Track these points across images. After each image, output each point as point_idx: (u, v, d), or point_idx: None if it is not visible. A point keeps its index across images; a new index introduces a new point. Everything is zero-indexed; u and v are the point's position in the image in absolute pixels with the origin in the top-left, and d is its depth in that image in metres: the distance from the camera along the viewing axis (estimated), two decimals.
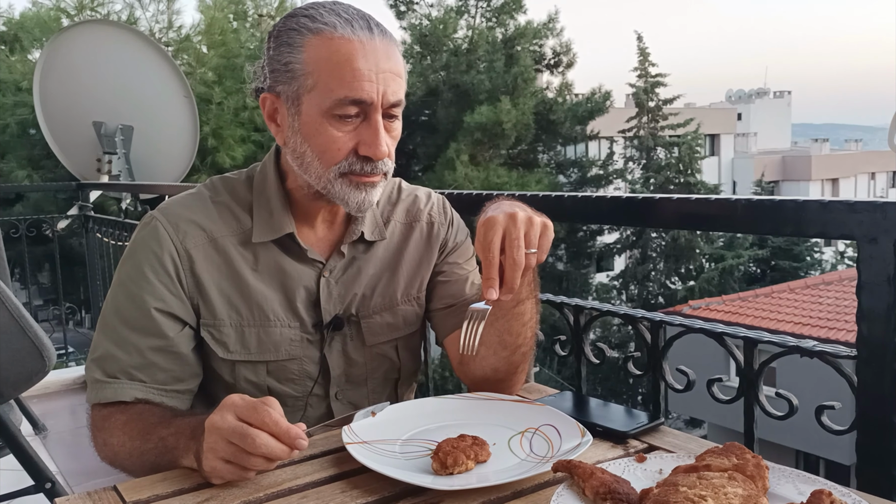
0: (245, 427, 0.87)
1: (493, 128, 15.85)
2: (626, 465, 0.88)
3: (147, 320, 1.09)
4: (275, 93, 1.08)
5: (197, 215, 1.13)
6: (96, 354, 1.10)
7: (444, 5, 18.31)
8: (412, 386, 1.34)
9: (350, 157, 1.06)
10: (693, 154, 20.38)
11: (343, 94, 1.02)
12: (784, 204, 0.97)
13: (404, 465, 0.94)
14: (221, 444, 0.88)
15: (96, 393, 1.09)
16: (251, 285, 1.13)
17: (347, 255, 1.19)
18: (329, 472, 0.95)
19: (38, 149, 13.20)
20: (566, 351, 1.42)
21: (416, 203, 1.28)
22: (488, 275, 0.95)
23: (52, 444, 3.24)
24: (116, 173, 4.54)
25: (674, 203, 1.15)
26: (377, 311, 1.21)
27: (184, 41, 15.23)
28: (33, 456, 1.88)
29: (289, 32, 1.06)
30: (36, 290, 14.94)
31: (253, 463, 0.88)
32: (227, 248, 1.13)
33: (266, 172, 1.17)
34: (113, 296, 1.12)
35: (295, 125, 1.08)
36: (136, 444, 1.02)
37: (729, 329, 1.12)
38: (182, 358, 1.12)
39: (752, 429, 1.10)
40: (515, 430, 1.03)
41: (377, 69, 1.03)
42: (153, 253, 1.10)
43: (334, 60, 1.02)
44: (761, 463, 0.82)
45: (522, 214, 0.96)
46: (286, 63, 1.05)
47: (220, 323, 1.13)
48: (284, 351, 1.15)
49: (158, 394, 1.10)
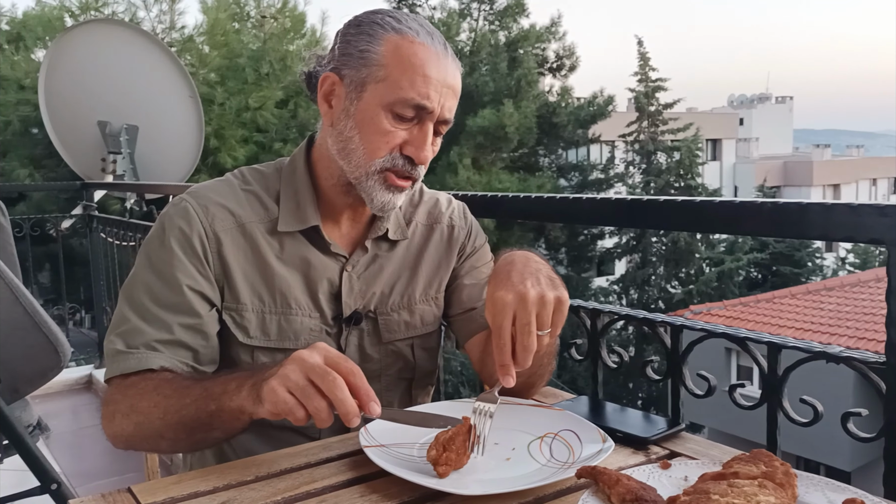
0: (329, 369, 0.87)
1: (496, 131, 15.83)
2: (651, 471, 0.87)
3: (179, 297, 1.08)
4: (339, 74, 1.10)
5: (227, 200, 1.14)
6: (121, 329, 1.08)
7: (446, 8, 18.33)
8: (427, 390, 1.33)
9: (395, 152, 1.09)
10: (693, 158, 20.36)
11: (411, 95, 1.06)
12: (811, 207, 0.96)
13: (423, 468, 0.92)
14: (297, 375, 0.87)
15: (118, 364, 1.06)
16: (276, 273, 1.14)
17: (370, 252, 1.20)
18: (347, 475, 0.93)
19: (40, 148, 13.19)
20: (581, 355, 1.40)
21: (437, 206, 1.30)
22: (502, 361, 0.93)
23: (54, 445, 3.22)
24: (121, 173, 4.53)
25: (695, 206, 1.14)
26: (395, 309, 1.22)
27: (187, 42, 15.22)
28: (39, 457, 1.86)
29: (372, 25, 1.09)
30: (36, 290, 14.90)
31: (316, 404, 0.87)
32: (255, 235, 1.14)
33: (296, 164, 1.18)
34: (138, 274, 1.11)
35: (351, 109, 1.10)
36: (172, 402, 0.99)
37: (753, 334, 1.10)
38: (208, 339, 1.11)
39: (775, 436, 1.08)
40: (535, 434, 1.02)
41: (444, 83, 1.07)
42: (182, 232, 1.10)
43: (411, 62, 1.06)
44: (790, 471, 0.81)
45: (534, 294, 0.92)
46: (362, 50, 1.08)
47: (242, 307, 1.13)
48: (304, 340, 1.15)
49: (182, 366, 1.08)
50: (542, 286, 0.94)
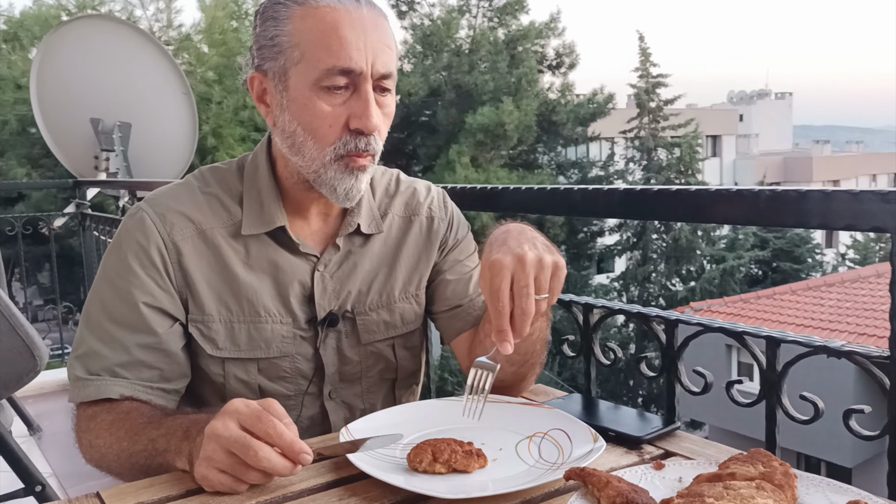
0: (248, 438, 0.82)
1: (495, 129, 15.80)
2: (643, 472, 0.83)
3: (135, 315, 1.03)
4: (262, 71, 1.04)
5: (185, 206, 1.08)
6: (79, 351, 1.05)
7: (445, 5, 18.28)
8: (412, 389, 1.28)
9: (343, 134, 1.01)
10: (693, 154, 20.31)
11: (331, 63, 0.98)
12: (810, 195, 0.92)
13: (406, 470, 0.89)
14: (220, 454, 0.82)
15: (78, 391, 1.04)
16: (241, 279, 1.08)
17: (343, 249, 1.14)
18: (326, 477, 0.89)
19: (37, 147, 13.17)
20: (574, 351, 1.36)
21: (415, 196, 1.23)
22: (500, 326, 0.88)
23: (46, 445, 3.18)
24: (114, 171, 4.48)
25: (690, 195, 1.10)
26: (374, 309, 1.16)
27: (184, 40, 15.19)
28: (23, 458, 1.83)
29: (274, 7, 1.02)
30: (36, 291, 14.87)
31: (251, 476, 0.83)
32: (217, 241, 1.08)
33: (257, 162, 1.12)
34: (97, 290, 1.07)
35: (283, 102, 1.03)
36: (124, 445, 0.97)
37: (751, 328, 1.06)
38: (170, 356, 1.06)
39: (773, 434, 1.04)
40: (523, 434, 0.98)
41: (365, 38, 0.99)
42: (139, 245, 1.05)
43: (320, 29, 0.98)
44: (789, 471, 0.77)
45: (532, 256, 0.89)
46: (272, 38, 1.01)
47: (208, 319, 1.07)
48: (276, 348, 1.10)
49: (145, 391, 1.04)
50: (540, 250, 0.91)
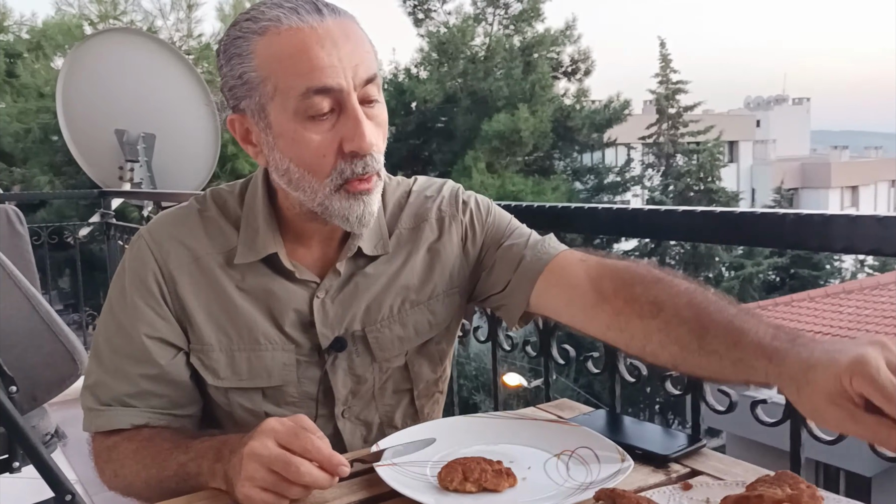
0: (288, 455, 0.83)
1: (510, 135, 15.83)
2: (671, 493, 0.84)
3: (137, 347, 1.02)
4: (240, 111, 0.98)
5: (183, 232, 1.06)
6: (89, 381, 1.05)
7: (461, 13, 18.35)
8: (436, 398, 1.23)
9: (338, 162, 0.95)
10: (714, 161, 20.22)
11: (306, 85, 0.91)
12: (835, 220, 0.93)
13: (437, 489, 0.90)
14: (262, 473, 0.84)
15: (91, 421, 1.04)
16: (239, 306, 1.04)
17: (345, 273, 1.08)
18: (358, 495, 0.91)
19: (59, 155, 13.33)
20: (598, 368, 1.38)
21: (424, 203, 1.15)
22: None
23: (71, 452, 3.21)
24: (138, 181, 4.54)
25: (715, 217, 1.11)
26: (385, 325, 1.10)
27: (204, 49, 15.33)
28: (53, 468, 1.86)
29: (234, 42, 0.95)
30: (56, 296, 15.05)
31: (293, 492, 0.84)
32: (213, 268, 1.04)
33: (255, 190, 1.07)
34: (103, 321, 1.07)
35: (269, 140, 0.97)
36: (153, 472, 0.97)
37: None
38: (178, 385, 1.05)
39: (798, 455, 1.05)
40: (551, 452, 0.99)
41: (338, 52, 0.91)
42: (137, 275, 1.04)
43: (287, 55, 0.91)
44: (816, 493, 0.78)
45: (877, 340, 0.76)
46: (240, 76, 0.95)
47: (208, 348, 1.05)
48: (277, 376, 1.06)
49: (157, 417, 1.04)
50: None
